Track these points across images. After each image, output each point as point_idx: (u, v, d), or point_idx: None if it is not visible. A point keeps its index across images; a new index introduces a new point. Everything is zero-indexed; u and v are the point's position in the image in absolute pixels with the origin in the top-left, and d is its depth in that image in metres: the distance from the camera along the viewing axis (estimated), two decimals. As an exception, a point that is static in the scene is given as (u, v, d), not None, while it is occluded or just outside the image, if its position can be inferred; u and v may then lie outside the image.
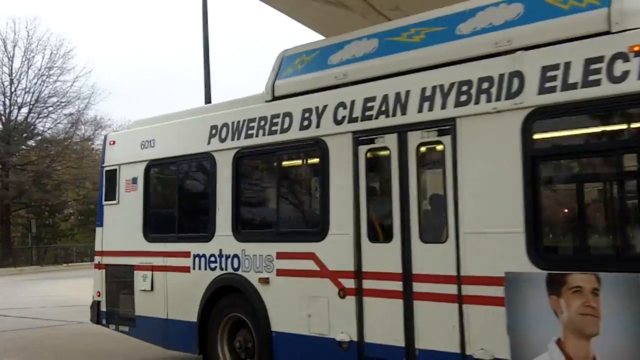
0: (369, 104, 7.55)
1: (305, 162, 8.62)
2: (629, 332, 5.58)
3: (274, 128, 8.55)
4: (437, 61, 7.11)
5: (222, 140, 9.22)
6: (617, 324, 5.65)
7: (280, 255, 8.34)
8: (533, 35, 6.42)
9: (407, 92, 7.20)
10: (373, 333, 7.42)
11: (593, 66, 5.86)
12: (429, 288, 6.94)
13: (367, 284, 7.48)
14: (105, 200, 10.96)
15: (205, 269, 9.27)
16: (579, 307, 5.91)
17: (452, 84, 6.84)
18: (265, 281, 8.49)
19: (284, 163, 8.72)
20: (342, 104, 7.82)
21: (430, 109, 7.00)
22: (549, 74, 6.15)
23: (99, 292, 10.90)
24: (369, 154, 7.58)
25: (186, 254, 9.55)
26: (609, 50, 5.78)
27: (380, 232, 7.48)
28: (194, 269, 9.45)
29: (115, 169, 10.78)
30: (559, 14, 6.33)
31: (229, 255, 8.96)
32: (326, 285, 7.84)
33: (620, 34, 5.85)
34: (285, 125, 8.42)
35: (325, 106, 7.99)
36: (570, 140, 6.26)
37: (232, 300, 8.99)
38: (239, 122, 9.02)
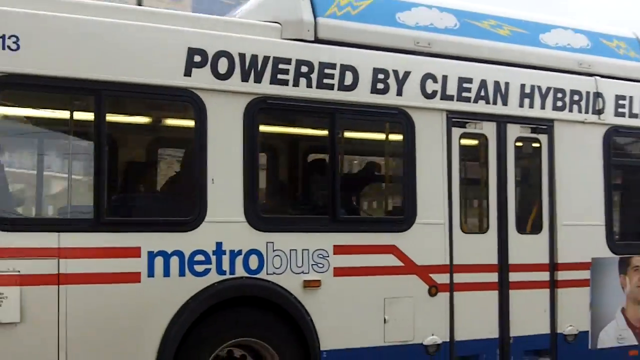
0: (466, 85, 7.05)
1: (380, 134, 6.76)
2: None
3: (326, 81, 6.41)
4: (532, 62, 7.50)
5: (223, 78, 6.02)
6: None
7: (340, 250, 6.41)
8: (607, 67, 7.96)
9: (507, 84, 7.26)
10: (465, 330, 6.98)
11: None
12: (523, 277, 7.30)
13: (460, 277, 6.96)
14: None
15: (182, 274, 5.78)
16: (636, 281, 7.93)
17: (548, 88, 7.49)
18: (314, 284, 6.26)
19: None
20: (431, 76, 6.89)
21: (531, 106, 7.39)
22: (620, 102, 7.93)
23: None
24: (463, 139, 7.05)
25: (130, 252, 5.62)
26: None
27: (475, 223, 7.13)
28: (150, 276, 5.68)
29: None
30: (617, 56, 8.10)
31: (239, 252, 6.00)
32: (412, 282, 6.70)
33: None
34: (348, 82, 6.51)
35: (407, 73, 6.78)
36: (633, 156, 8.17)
37: (241, 318, 6.02)
38: (256, 57, 6.15)
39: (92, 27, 5.57)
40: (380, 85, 6.63)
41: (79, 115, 5.89)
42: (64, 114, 6.02)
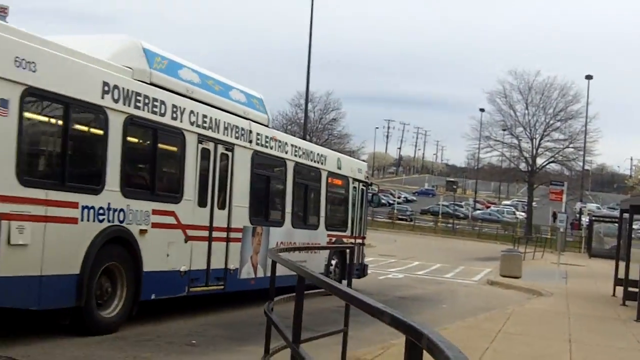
0: (205, 119, 12.04)
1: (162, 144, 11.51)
2: None
3: (154, 109, 10.73)
4: (228, 109, 12.97)
5: (115, 101, 9.90)
6: None
7: (155, 212, 10.84)
8: (252, 115, 13.87)
9: (218, 121, 12.46)
10: (197, 263, 11.89)
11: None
12: (217, 234, 12.66)
13: (196, 232, 11.86)
14: None
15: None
16: (257, 240, 13.90)
17: (234, 125, 12.99)
18: (143, 232, 10.54)
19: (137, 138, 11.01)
20: (192, 112, 11.70)
21: (226, 134, 12.72)
22: (258, 136, 13.92)
23: None
24: (199, 149, 12.00)
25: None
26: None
27: (203, 202, 12.09)
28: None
29: None
30: (255, 107, 14.05)
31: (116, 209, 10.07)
32: (178, 234, 11.42)
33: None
34: (162, 111, 10.92)
35: (183, 108, 11.46)
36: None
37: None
38: (128, 90, 10.21)
39: None
40: (174, 115, 11.18)
41: None
42: None
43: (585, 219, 59.95)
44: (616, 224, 29.98)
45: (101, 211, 9.76)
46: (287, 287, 7.10)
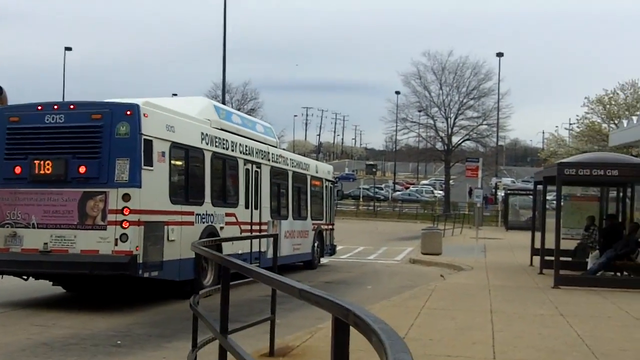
0: (244, 149, 17.50)
1: (228, 168, 16.80)
2: None
3: (224, 146, 16.06)
4: (257, 139, 18.81)
5: (207, 144, 15.16)
6: None
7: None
8: (268, 140, 20.06)
9: (250, 148, 17.70)
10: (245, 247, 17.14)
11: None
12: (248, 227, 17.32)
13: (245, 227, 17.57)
14: (144, 165, 12.52)
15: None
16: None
17: (259, 150, 18.13)
18: None
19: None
20: (242, 145, 17.25)
21: (253, 156, 17.97)
22: (274, 156, 18.93)
23: (137, 246, 12.24)
24: (244, 169, 17.34)
25: None
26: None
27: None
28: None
29: (151, 140, 12.74)
30: (270, 135, 20.39)
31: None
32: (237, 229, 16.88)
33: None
34: (226, 147, 16.18)
35: (235, 142, 16.76)
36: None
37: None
38: (211, 135, 15.44)
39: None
40: (232, 148, 16.45)
41: None
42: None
43: (500, 193, 61.75)
44: (531, 196, 31.04)
45: (203, 216, 14.63)
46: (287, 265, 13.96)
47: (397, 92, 72.56)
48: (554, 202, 21.03)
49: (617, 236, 17.44)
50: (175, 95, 30.53)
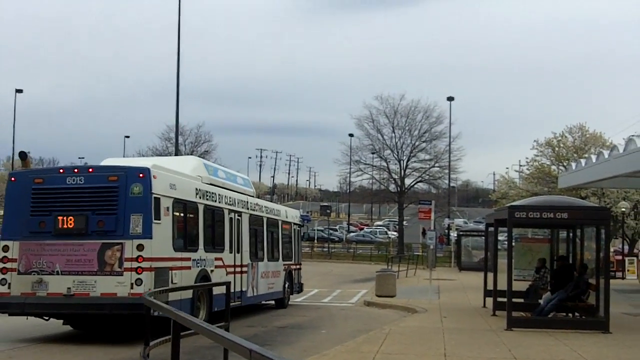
0: (230, 201, 19.34)
1: (216, 218, 18.64)
2: None
3: (213, 199, 17.95)
4: (239, 190, 20.92)
5: (201, 198, 17.15)
6: None
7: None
8: (248, 192, 20.79)
9: (234, 199, 19.61)
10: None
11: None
12: (234, 269, 19.29)
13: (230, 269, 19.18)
14: (154, 219, 14.40)
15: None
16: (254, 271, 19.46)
17: (240, 200, 19.99)
18: None
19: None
20: (228, 198, 19.18)
21: (239, 207, 19.94)
22: (252, 205, 19.96)
23: (150, 289, 13.52)
24: (228, 218, 19.06)
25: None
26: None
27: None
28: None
29: (159, 198, 14.69)
30: (248, 186, 22.51)
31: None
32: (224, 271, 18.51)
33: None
34: (215, 199, 18.08)
35: (221, 195, 18.61)
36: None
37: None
38: (203, 190, 17.42)
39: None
40: (219, 200, 18.25)
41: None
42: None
43: (453, 234, 62.05)
44: (483, 237, 31.32)
45: (198, 261, 16.46)
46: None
47: (351, 135, 72.94)
48: (506, 242, 21.24)
49: (568, 277, 17.64)
50: (127, 137, 32.01)
